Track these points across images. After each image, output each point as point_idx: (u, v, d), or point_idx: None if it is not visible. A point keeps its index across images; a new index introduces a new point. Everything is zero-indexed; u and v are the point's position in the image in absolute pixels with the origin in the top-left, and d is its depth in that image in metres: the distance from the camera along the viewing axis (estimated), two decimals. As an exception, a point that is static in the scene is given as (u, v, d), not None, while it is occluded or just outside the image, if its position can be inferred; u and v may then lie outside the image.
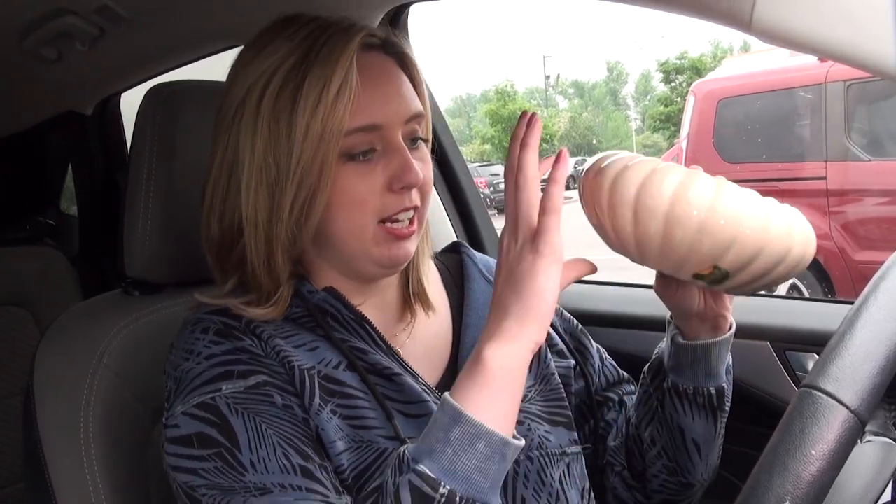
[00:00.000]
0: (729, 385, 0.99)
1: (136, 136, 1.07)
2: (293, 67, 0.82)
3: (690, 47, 60.35)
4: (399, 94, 0.88)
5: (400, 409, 0.86)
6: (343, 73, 0.81)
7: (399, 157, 0.85)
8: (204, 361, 0.82)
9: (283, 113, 0.82)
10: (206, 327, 0.85)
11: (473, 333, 0.97)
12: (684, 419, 0.98)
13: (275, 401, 0.80)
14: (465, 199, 1.85)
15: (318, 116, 0.80)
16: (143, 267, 1.07)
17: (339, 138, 0.82)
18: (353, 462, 0.82)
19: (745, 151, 5.64)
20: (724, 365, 0.97)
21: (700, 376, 0.95)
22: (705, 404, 0.96)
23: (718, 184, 0.75)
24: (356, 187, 0.84)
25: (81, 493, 0.96)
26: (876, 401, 0.64)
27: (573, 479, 0.97)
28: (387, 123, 0.85)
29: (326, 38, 0.83)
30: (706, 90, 5.93)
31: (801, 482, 0.60)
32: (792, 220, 0.75)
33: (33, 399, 1.00)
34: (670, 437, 1.01)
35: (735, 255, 0.74)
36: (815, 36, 0.64)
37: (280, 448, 0.77)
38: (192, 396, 0.80)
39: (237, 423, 0.78)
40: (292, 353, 0.84)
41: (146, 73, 1.94)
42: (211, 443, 0.77)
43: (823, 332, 1.33)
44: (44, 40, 1.59)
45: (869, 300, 0.70)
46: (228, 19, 1.52)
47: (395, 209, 0.86)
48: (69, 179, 2.60)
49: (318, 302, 0.89)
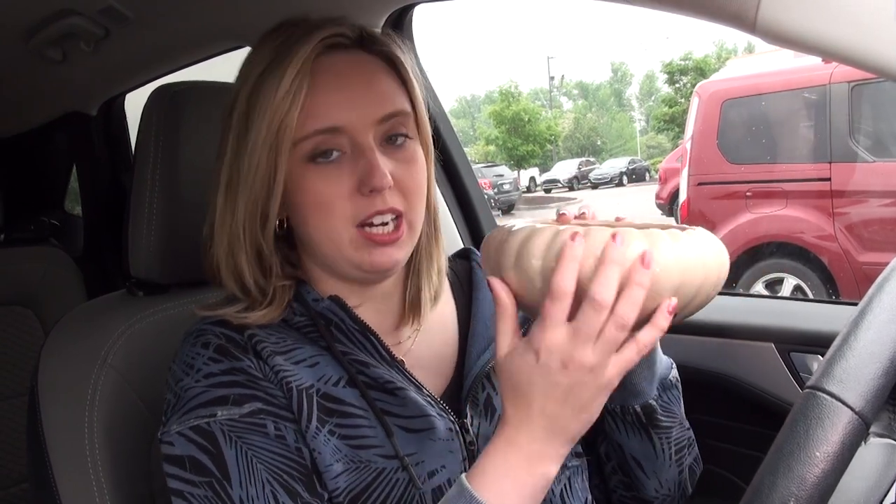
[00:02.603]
0: (672, 402, 0.95)
1: (140, 137, 1.07)
2: (262, 72, 0.84)
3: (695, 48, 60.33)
4: (368, 93, 0.86)
5: (401, 425, 0.86)
6: (293, 74, 0.82)
7: (364, 159, 0.84)
8: (203, 380, 0.82)
9: (248, 117, 0.84)
10: (208, 342, 0.85)
11: (480, 342, 0.96)
12: (619, 436, 0.97)
13: (268, 431, 0.80)
14: (469, 200, 1.85)
15: (266, 119, 0.82)
16: (147, 267, 1.07)
17: (289, 141, 0.82)
18: (350, 483, 0.82)
19: (749, 152, 5.63)
20: (650, 382, 0.92)
21: (624, 395, 0.92)
22: (634, 422, 0.94)
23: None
24: (322, 190, 0.84)
25: (85, 492, 0.97)
26: (880, 402, 0.64)
27: (574, 493, 0.95)
28: (350, 126, 0.84)
29: (292, 43, 0.84)
30: (710, 91, 5.91)
31: (805, 483, 0.60)
32: (702, 250, 0.71)
33: (38, 399, 1.00)
34: (617, 455, 1.00)
35: (650, 301, 0.69)
36: (820, 37, 0.64)
37: (269, 485, 0.78)
38: (189, 417, 0.80)
39: (230, 455, 0.78)
40: (291, 371, 0.84)
41: (151, 74, 1.95)
42: (203, 471, 0.78)
43: (828, 334, 1.33)
44: (49, 41, 1.59)
45: (873, 302, 0.69)
46: (233, 20, 1.52)
47: (367, 213, 0.84)
48: (73, 180, 2.61)
49: (321, 310, 0.88)
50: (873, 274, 0.74)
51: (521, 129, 34.99)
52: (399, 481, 0.83)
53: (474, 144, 42.89)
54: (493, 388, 0.94)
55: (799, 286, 5.21)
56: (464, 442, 0.89)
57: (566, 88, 68.86)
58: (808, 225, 5.19)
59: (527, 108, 36.17)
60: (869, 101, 5.07)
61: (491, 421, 0.93)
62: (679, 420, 0.97)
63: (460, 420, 0.90)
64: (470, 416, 0.91)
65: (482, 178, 18.67)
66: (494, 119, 36.62)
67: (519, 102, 36.26)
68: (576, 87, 75.00)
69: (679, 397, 0.97)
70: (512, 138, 34.92)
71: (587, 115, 62.36)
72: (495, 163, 28.96)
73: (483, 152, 37.68)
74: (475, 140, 46.14)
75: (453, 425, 0.89)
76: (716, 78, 6.79)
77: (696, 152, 5.71)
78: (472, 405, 0.92)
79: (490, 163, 28.53)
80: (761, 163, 5.55)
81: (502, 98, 36.44)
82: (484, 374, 0.94)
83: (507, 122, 35.27)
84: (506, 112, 35.30)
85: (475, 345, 0.96)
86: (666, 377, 0.95)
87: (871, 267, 4.81)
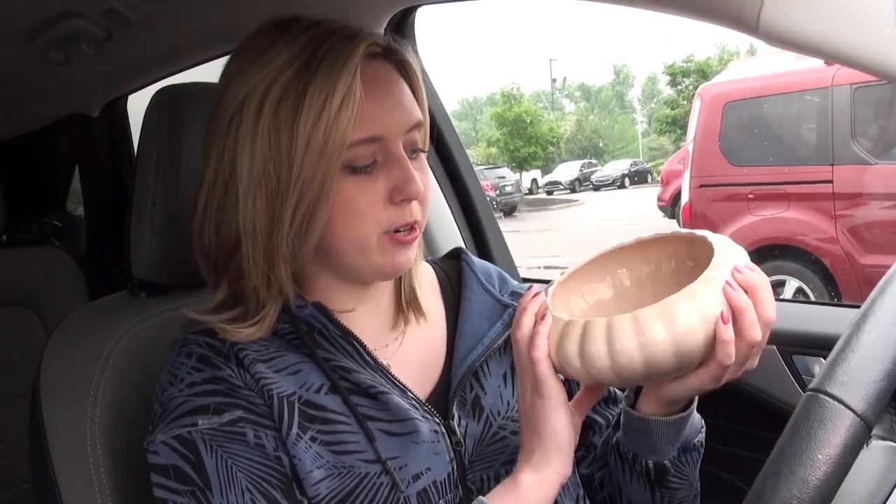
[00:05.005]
0: (687, 465, 0.92)
1: (142, 138, 1.07)
2: (295, 76, 0.80)
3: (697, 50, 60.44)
4: (400, 103, 0.86)
5: (384, 429, 0.86)
6: (347, 84, 0.79)
7: (400, 168, 0.84)
8: (186, 389, 0.83)
9: (285, 124, 0.79)
10: (191, 352, 0.85)
11: (467, 341, 0.97)
12: (622, 479, 0.95)
13: (248, 439, 0.81)
14: (471, 202, 1.85)
15: (320, 129, 0.78)
16: (149, 268, 1.07)
17: (342, 151, 0.80)
18: (332, 489, 0.82)
19: (751, 154, 5.62)
20: (672, 444, 0.89)
21: (641, 446, 0.90)
22: (642, 473, 0.91)
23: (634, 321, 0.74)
24: (357, 199, 0.83)
25: (87, 493, 0.97)
26: (882, 405, 0.64)
27: (566, 489, 0.95)
28: (389, 135, 0.84)
29: (329, 47, 0.81)
30: (713, 93, 5.91)
31: (807, 486, 0.60)
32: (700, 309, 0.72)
33: (40, 400, 1.00)
34: (612, 490, 0.99)
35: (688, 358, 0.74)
36: (822, 39, 0.64)
37: (248, 493, 0.78)
38: (172, 427, 0.81)
39: (210, 464, 0.79)
40: (273, 379, 0.84)
41: (153, 76, 1.95)
42: (186, 479, 0.79)
43: (830, 336, 1.33)
44: (51, 42, 1.60)
45: (875, 304, 0.69)
46: (235, 22, 1.52)
47: (398, 223, 0.85)
48: (76, 181, 2.61)
49: (305, 317, 0.88)
50: (875, 276, 0.74)
51: (523, 131, 34.98)
52: (383, 485, 0.83)
53: (476, 146, 42.86)
54: (480, 388, 0.95)
55: (801, 288, 5.20)
56: (450, 443, 0.90)
57: (568, 90, 68.86)
58: (809, 227, 5.19)
59: (529, 110, 36.16)
60: (871, 104, 5.07)
61: (479, 421, 0.93)
62: (689, 482, 0.94)
63: (446, 421, 0.90)
64: (457, 417, 0.92)
65: (484, 179, 18.66)
66: (496, 121, 36.62)
67: (521, 104, 36.25)
68: (578, 89, 75.00)
69: (697, 461, 0.94)
70: (514, 140, 34.91)
71: (589, 117, 62.32)
72: (497, 164, 28.92)
73: (485, 154, 37.66)
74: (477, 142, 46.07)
75: (439, 427, 0.89)
76: (718, 80, 6.79)
77: (698, 154, 5.71)
78: (460, 405, 0.93)
79: (492, 164, 28.49)
80: (763, 165, 5.54)
81: (504, 100, 36.44)
82: (472, 374, 0.94)
83: (509, 124, 35.25)
84: (508, 114, 35.29)
85: (463, 344, 0.96)
86: (691, 440, 0.92)
87: (873, 269, 4.81)
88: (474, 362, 0.94)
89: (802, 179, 5.29)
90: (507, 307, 1.00)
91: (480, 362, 0.95)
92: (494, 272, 1.07)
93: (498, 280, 1.05)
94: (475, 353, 0.95)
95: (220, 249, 0.88)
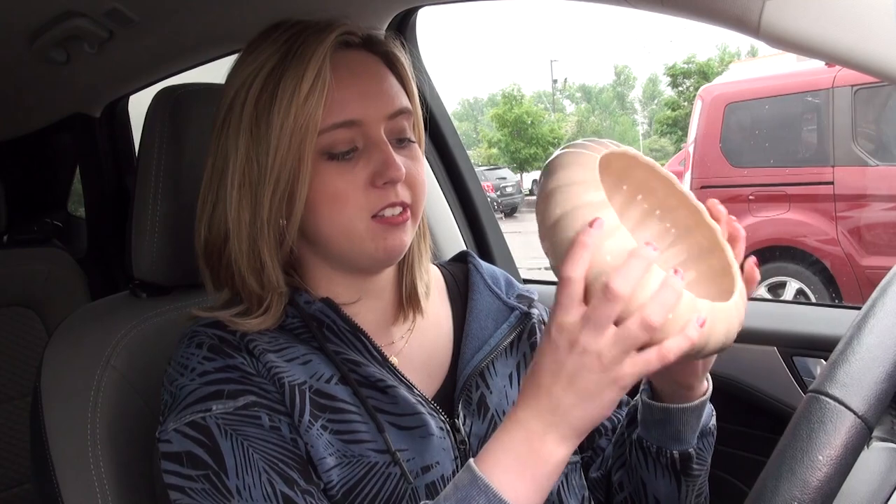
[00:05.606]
0: (705, 449, 0.94)
1: (144, 139, 1.07)
2: (273, 69, 0.84)
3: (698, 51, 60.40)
4: (380, 89, 0.88)
5: (392, 422, 0.86)
6: (315, 70, 0.82)
7: (380, 152, 0.85)
8: (197, 378, 0.83)
9: (263, 113, 0.84)
10: (201, 342, 0.86)
11: (473, 343, 0.98)
12: (647, 474, 0.96)
13: (262, 422, 0.81)
14: (472, 203, 1.85)
15: (291, 112, 0.82)
16: (150, 269, 1.07)
17: (314, 134, 0.82)
18: (343, 477, 0.82)
19: (752, 156, 5.63)
20: (694, 432, 0.91)
21: (664, 438, 0.92)
22: (668, 465, 0.93)
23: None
24: (336, 183, 0.84)
25: (88, 493, 0.97)
26: (883, 406, 0.64)
27: (572, 489, 0.96)
28: (366, 119, 0.85)
29: (304, 39, 0.84)
30: (714, 94, 5.92)
31: (808, 487, 0.60)
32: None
33: (41, 400, 1.00)
34: (635, 488, 0.99)
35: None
36: (823, 41, 0.64)
37: (265, 474, 0.78)
38: (184, 414, 0.81)
39: (225, 446, 0.79)
40: (284, 368, 0.85)
41: (155, 76, 1.95)
42: (200, 464, 0.79)
43: (830, 338, 1.33)
44: (53, 42, 1.60)
45: (876, 305, 0.70)
46: (237, 22, 1.52)
47: (381, 204, 0.85)
48: (77, 181, 2.61)
49: (313, 312, 0.89)
50: (876, 278, 0.74)
51: (523, 132, 34.95)
52: (392, 475, 0.84)
53: (477, 147, 42.86)
54: (486, 388, 0.95)
55: (802, 290, 5.21)
56: (455, 441, 0.90)
57: (569, 91, 68.82)
58: (810, 228, 5.19)
59: (530, 111, 36.11)
60: (872, 105, 5.08)
61: (484, 420, 0.94)
62: (706, 467, 0.96)
63: (451, 420, 0.91)
64: (462, 416, 0.92)
65: (485, 180, 18.67)
66: (497, 122, 36.57)
67: (522, 105, 36.19)
68: (579, 90, 74.97)
69: (713, 444, 0.96)
70: (515, 141, 34.87)
71: (590, 118, 62.34)
72: (498, 165, 28.92)
73: (486, 155, 37.64)
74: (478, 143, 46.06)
75: (444, 424, 0.90)
76: (719, 81, 6.81)
77: (699, 156, 5.72)
78: (465, 405, 0.93)
79: (493, 165, 28.49)
80: (764, 166, 5.56)
81: (505, 101, 36.40)
82: (478, 374, 0.95)
83: (510, 125, 35.21)
84: (508, 115, 35.24)
85: (469, 345, 0.97)
86: (707, 425, 0.94)
87: (873, 271, 4.81)
88: (480, 363, 0.95)
89: (803, 181, 5.30)
90: (514, 309, 1.01)
91: (486, 363, 0.96)
92: (501, 275, 1.08)
93: (504, 283, 1.06)
94: (481, 353, 0.96)
95: (213, 244, 0.89)
